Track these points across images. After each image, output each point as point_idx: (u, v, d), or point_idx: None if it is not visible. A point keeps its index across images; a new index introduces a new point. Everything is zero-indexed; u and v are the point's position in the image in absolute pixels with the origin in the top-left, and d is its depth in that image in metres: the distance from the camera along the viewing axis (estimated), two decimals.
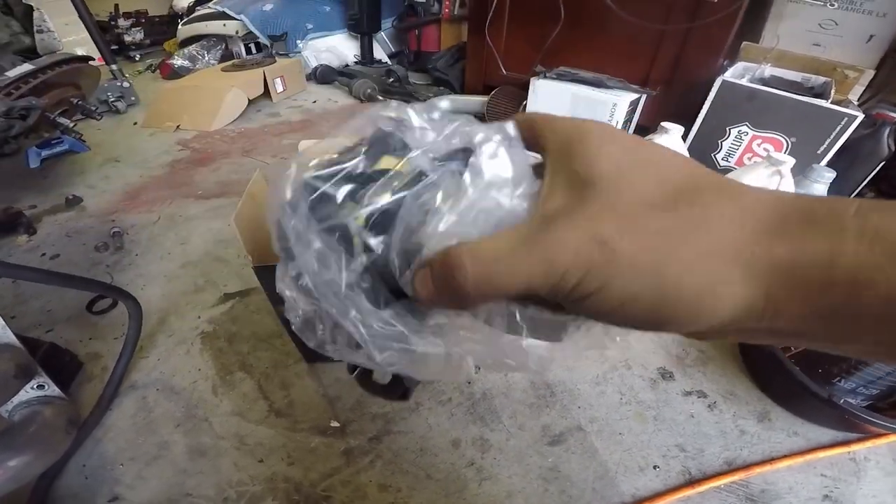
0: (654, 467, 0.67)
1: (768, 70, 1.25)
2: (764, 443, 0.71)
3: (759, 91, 1.12)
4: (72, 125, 1.31)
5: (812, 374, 0.67)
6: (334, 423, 0.72)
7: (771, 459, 0.68)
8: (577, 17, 1.47)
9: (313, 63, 2.38)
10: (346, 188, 0.22)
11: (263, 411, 0.74)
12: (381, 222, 0.21)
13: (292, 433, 0.71)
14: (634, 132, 1.45)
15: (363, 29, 2.39)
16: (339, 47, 2.49)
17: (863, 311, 0.15)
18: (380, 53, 2.55)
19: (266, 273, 0.58)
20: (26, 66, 1.22)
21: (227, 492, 0.64)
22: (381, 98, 2.04)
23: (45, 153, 1.35)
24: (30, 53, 1.99)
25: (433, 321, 0.23)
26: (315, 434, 0.71)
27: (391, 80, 2.17)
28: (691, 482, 0.65)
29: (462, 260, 0.19)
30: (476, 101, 1.83)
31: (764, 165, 0.91)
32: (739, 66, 1.27)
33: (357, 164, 0.23)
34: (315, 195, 0.22)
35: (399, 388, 0.34)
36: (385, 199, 0.21)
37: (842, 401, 0.63)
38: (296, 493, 0.64)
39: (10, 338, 0.58)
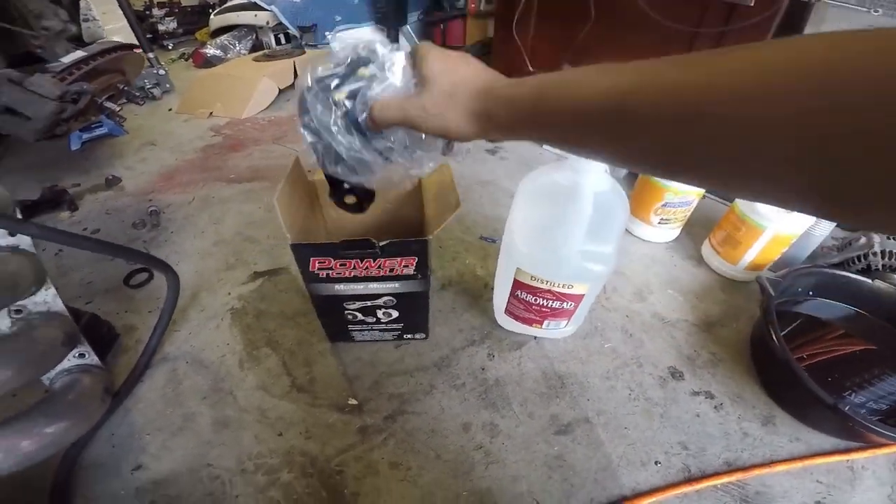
0: (656, 463, 0.69)
1: None
2: (765, 446, 0.71)
3: None
4: (118, 109, 1.36)
5: (823, 384, 0.67)
6: (352, 401, 0.76)
7: (770, 463, 0.68)
8: (607, 16, 1.45)
9: None
10: (336, 80, 0.44)
11: (286, 386, 0.78)
12: (353, 96, 0.44)
13: (312, 409, 0.75)
14: None
15: (390, 22, 2.41)
16: (366, 39, 2.49)
17: (538, 118, 0.35)
18: (406, 47, 2.55)
19: (300, 251, 0.62)
20: (79, 53, 1.27)
21: (246, 463, 0.67)
22: None
23: (85, 136, 1.40)
24: (77, 41, 2.05)
25: (376, 144, 0.46)
26: (333, 410, 0.74)
27: None
28: (690, 479, 0.66)
29: (375, 104, 0.42)
30: None
31: None
32: None
33: (344, 70, 0.45)
34: (321, 83, 0.45)
35: (358, 206, 0.62)
36: (355, 86, 0.44)
37: (847, 408, 0.64)
38: (310, 467, 0.67)
39: (60, 306, 0.62)
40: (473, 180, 1.39)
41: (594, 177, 0.62)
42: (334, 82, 0.44)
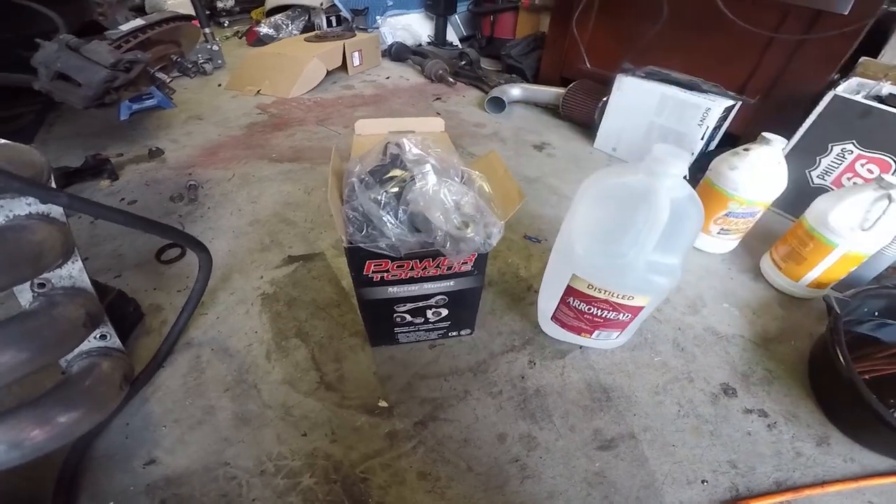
0: (703, 482, 0.64)
1: (886, 88, 1.15)
2: (818, 466, 0.67)
3: (876, 108, 1.02)
4: (168, 80, 1.36)
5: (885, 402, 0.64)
6: (382, 403, 0.72)
7: (822, 483, 0.64)
8: (678, 15, 1.39)
9: (389, 40, 2.39)
10: (378, 180, 0.58)
11: (313, 383, 0.74)
12: (396, 195, 0.56)
13: (339, 409, 0.71)
14: (722, 140, 1.40)
15: (440, 10, 2.38)
16: (414, 26, 2.49)
17: None
18: (452, 36, 2.54)
19: (356, 254, 0.58)
20: (138, 21, 1.27)
21: (266, 464, 0.63)
22: (451, 80, 2.03)
23: (135, 107, 1.43)
24: (139, 11, 2.07)
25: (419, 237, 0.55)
26: (362, 412, 0.70)
27: (463, 62, 2.15)
28: (737, 499, 0.63)
29: None
30: (549, 91, 1.78)
31: (872, 188, 0.83)
32: (854, 81, 1.16)
33: (381, 169, 0.59)
34: (367, 180, 0.57)
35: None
36: (393, 189, 0.57)
37: None
38: (334, 472, 0.63)
39: (85, 282, 0.58)
40: (518, 177, 1.34)
41: (672, 181, 0.56)
42: (376, 181, 0.58)
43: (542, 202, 1.23)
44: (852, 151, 1.09)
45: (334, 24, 2.43)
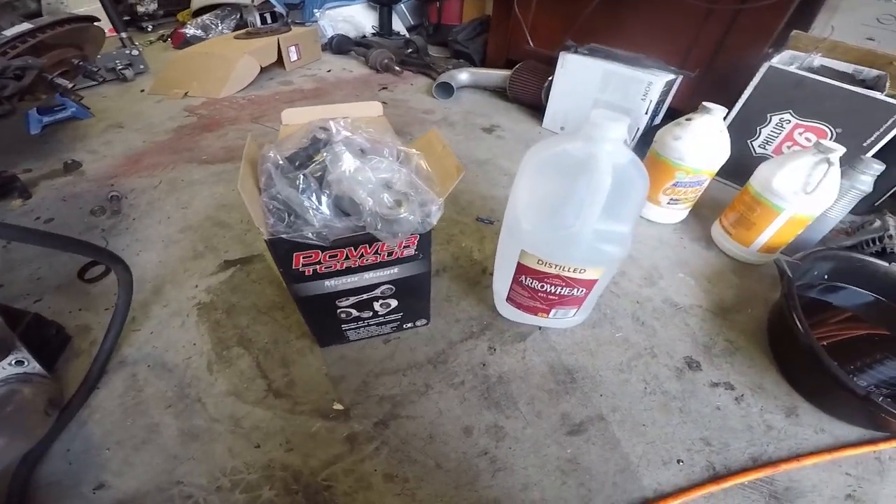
0: (678, 461, 0.63)
1: (818, 60, 1.19)
2: (790, 439, 0.67)
3: (808, 79, 1.06)
4: (70, 86, 1.25)
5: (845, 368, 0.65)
6: (337, 406, 0.67)
7: (797, 456, 0.64)
8: None
9: (330, 33, 2.31)
10: (296, 165, 0.54)
11: (261, 391, 0.69)
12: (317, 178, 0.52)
13: (292, 416, 0.66)
14: (666, 115, 1.42)
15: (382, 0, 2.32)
16: (356, 17, 2.42)
17: None
18: (398, 26, 2.48)
19: (279, 246, 0.51)
20: (25, 25, 1.15)
21: (221, 480, 0.59)
22: (398, 69, 1.98)
23: (46, 119, 1.31)
24: (34, 17, 1.93)
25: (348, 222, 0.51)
26: (316, 417, 0.66)
27: (409, 50, 2.12)
28: (715, 478, 0.62)
29: None
30: (496, 74, 1.78)
31: (811, 153, 0.85)
32: (787, 53, 1.19)
33: (301, 153, 0.55)
34: (284, 165, 0.53)
35: None
36: (317, 173, 0.52)
37: (880, 399, 0.59)
38: (294, 483, 0.59)
39: None
40: (469, 159, 1.33)
41: (612, 146, 0.53)
42: (297, 163, 0.54)
43: (493, 183, 1.21)
44: (790, 121, 1.13)
45: (269, 20, 2.32)
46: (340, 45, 2.24)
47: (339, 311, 0.66)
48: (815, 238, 1.01)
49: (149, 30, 2.63)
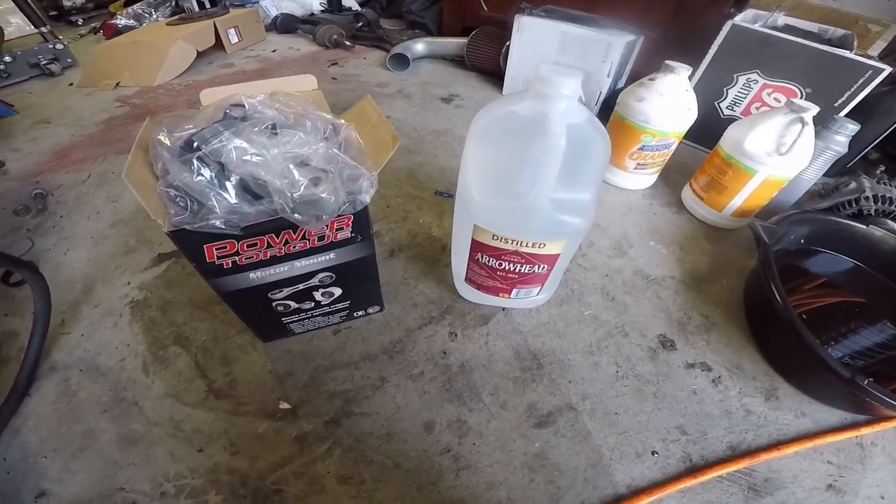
0: (653, 453, 0.60)
1: (781, 19, 1.14)
2: (770, 425, 0.64)
3: (774, 37, 1.02)
4: None
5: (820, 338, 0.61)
6: (284, 405, 0.62)
7: (777, 445, 0.61)
8: None
9: (273, 13, 2.18)
10: (195, 147, 0.45)
11: (201, 392, 0.64)
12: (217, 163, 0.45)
13: (235, 417, 0.61)
14: (629, 79, 1.38)
15: None
16: None
17: None
18: (349, 1, 2.36)
19: (185, 238, 0.45)
20: None
21: (165, 485, 0.55)
22: (348, 43, 1.89)
23: None
24: None
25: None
26: (262, 418, 0.61)
27: (360, 24, 2.03)
28: (692, 471, 0.58)
29: None
30: (453, 43, 1.72)
31: (783, 112, 0.81)
32: (749, 12, 1.16)
33: (205, 132, 0.46)
34: (181, 148, 0.46)
35: None
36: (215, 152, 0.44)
37: (865, 382, 0.56)
38: (242, 487, 0.55)
39: None
40: (426, 131, 1.27)
41: (565, 105, 0.47)
42: (195, 144, 0.45)
43: (452, 154, 1.16)
44: (757, 81, 1.09)
45: (207, 5, 2.20)
46: (286, 24, 2.13)
47: (274, 304, 0.60)
48: (789, 201, 0.98)
49: (79, 23, 2.50)
